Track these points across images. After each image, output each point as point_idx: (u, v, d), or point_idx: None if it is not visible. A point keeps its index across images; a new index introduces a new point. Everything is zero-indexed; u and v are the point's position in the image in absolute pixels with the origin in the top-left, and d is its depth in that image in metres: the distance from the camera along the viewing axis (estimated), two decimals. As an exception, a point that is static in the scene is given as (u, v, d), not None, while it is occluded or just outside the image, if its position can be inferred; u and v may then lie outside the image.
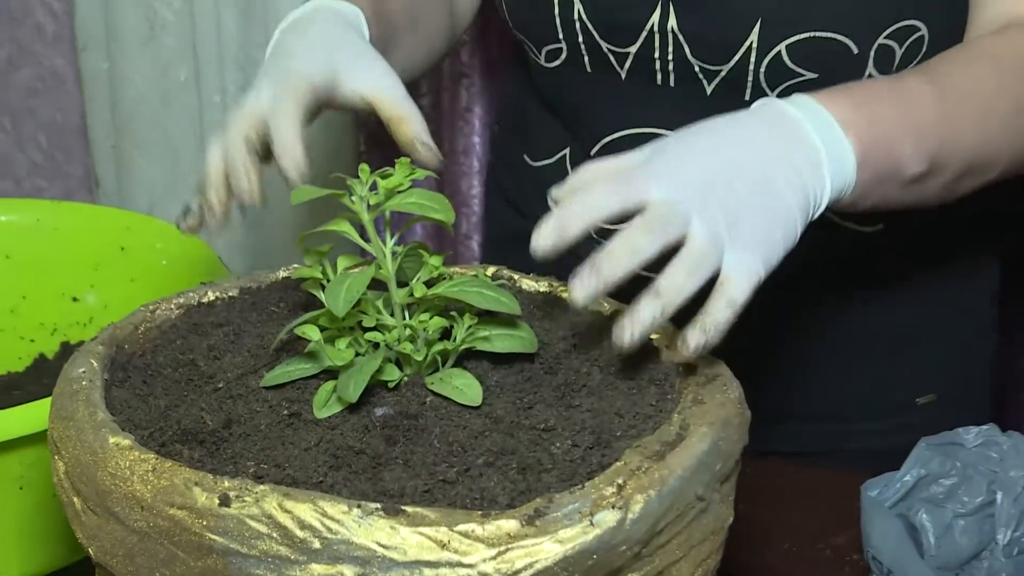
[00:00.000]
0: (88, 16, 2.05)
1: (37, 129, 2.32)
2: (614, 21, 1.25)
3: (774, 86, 1.22)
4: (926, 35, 1.20)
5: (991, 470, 1.04)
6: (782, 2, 1.18)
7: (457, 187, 1.89)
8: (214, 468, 0.77)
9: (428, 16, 1.35)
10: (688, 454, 0.76)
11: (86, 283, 1.37)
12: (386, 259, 0.88)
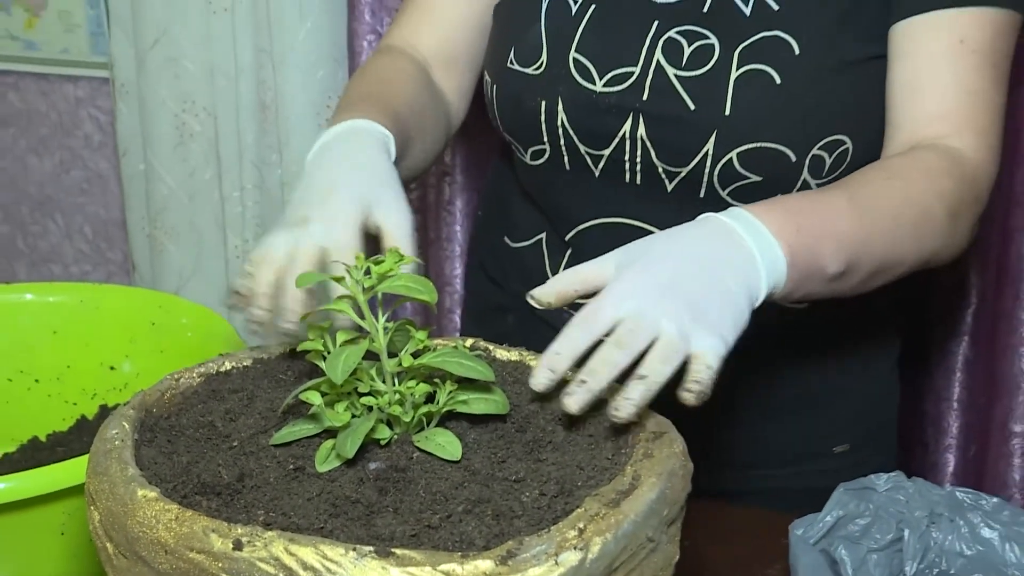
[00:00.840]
0: (128, 127, 2.05)
1: (84, 222, 2.31)
2: (592, 128, 1.26)
3: (725, 186, 1.23)
4: (851, 147, 1.22)
5: (899, 511, 1.05)
6: (734, 118, 1.19)
7: (441, 269, 1.89)
8: (229, 517, 0.76)
9: (430, 124, 1.35)
10: (640, 501, 0.76)
11: (122, 354, 1.35)
12: (378, 334, 0.87)
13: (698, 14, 1.23)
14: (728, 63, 1.21)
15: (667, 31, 1.23)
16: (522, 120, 1.30)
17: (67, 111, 2.26)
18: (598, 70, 1.25)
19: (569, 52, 1.26)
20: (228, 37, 1.92)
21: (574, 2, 1.28)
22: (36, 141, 2.29)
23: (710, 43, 1.22)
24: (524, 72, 1.29)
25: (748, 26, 1.21)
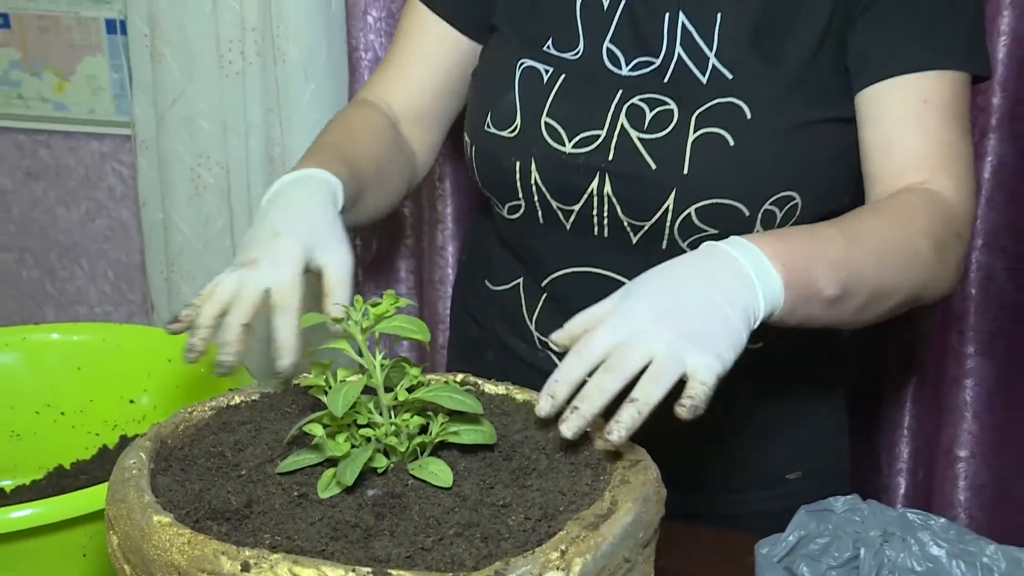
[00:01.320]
0: (148, 180, 2.05)
1: (107, 267, 2.31)
2: (563, 185, 1.26)
3: (684, 238, 1.24)
4: (800, 202, 1.22)
5: (855, 531, 1.05)
6: (692, 177, 1.20)
7: (435, 308, 1.88)
8: (237, 540, 0.76)
9: (389, 174, 1.36)
10: (617, 525, 0.76)
11: (141, 388, 1.35)
12: (376, 370, 0.87)
13: (658, 82, 1.24)
14: (686, 127, 1.21)
15: (631, 98, 1.24)
16: (499, 178, 1.31)
17: (93, 166, 2.26)
18: (568, 133, 1.25)
19: (541, 117, 1.27)
20: (239, 98, 1.92)
21: (545, 72, 1.28)
22: (64, 193, 2.29)
23: (669, 108, 1.23)
24: (500, 135, 1.29)
25: (704, 93, 1.22)
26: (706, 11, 1.24)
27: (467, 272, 1.51)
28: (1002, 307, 1.65)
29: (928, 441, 1.73)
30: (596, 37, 1.28)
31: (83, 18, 2.15)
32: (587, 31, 1.28)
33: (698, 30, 1.24)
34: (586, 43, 1.28)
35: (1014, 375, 1.66)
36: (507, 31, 1.34)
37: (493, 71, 1.34)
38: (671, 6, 1.25)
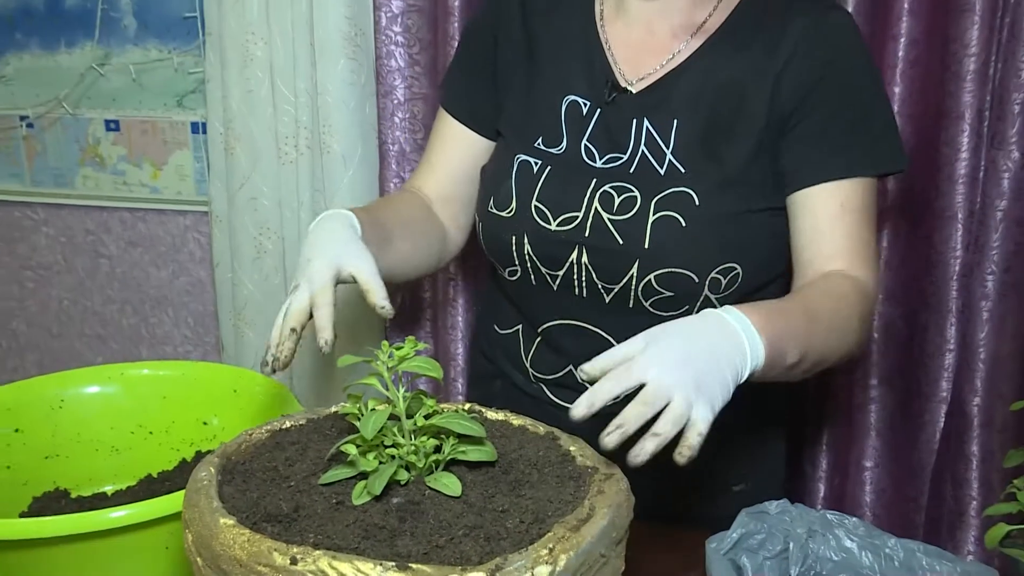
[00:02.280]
0: (220, 246, 2.05)
1: (188, 315, 2.31)
2: (549, 255, 1.27)
3: (647, 299, 1.24)
4: (740, 272, 1.22)
5: (786, 529, 1.05)
6: (651, 250, 1.21)
7: (448, 349, 1.88)
8: (287, 539, 0.76)
9: (419, 230, 1.36)
10: (595, 527, 0.77)
11: (212, 413, 1.34)
12: (399, 401, 0.87)
13: (625, 174, 1.25)
14: (647, 210, 1.22)
15: (603, 186, 1.24)
16: (500, 249, 1.31)
17: (178, 235, 2.27)
18: (552, 214, 1.26)
19: (531, 201, 1.27)
20: (292, 182, 1.92)
21: (535, 164, 1.28)
22: (156, 257, 2.29)
23: (634, 195, 1.23)
24: (500, 215, 1.29)
25: (662, 182, 1.23)
26: (665, 119, 1.25)
27: (482, 319, 1.51)
28: (898, 347, 1.65)
29: (841, 455, 1.72)
30: (576, 136, 1.28)
31: (174, 122, 2.16)
32: (569, 132, 1.29)
33: (658, 133, 1.24)
34: (568, 141, 1.29)
35: (907, 401, 1.66)
36: (508, 133, 1.35)
37: (496, 164, 1.35)
38: (637, 114, 1.26)
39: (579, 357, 1.28)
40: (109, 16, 2.11)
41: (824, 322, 1.13)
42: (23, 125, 2.25)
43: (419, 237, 1.35)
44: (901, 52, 1.52)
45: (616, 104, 1.27)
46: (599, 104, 1.28)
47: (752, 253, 1.23)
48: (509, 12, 1.36)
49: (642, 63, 1.28)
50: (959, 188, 1.54)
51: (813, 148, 1.22)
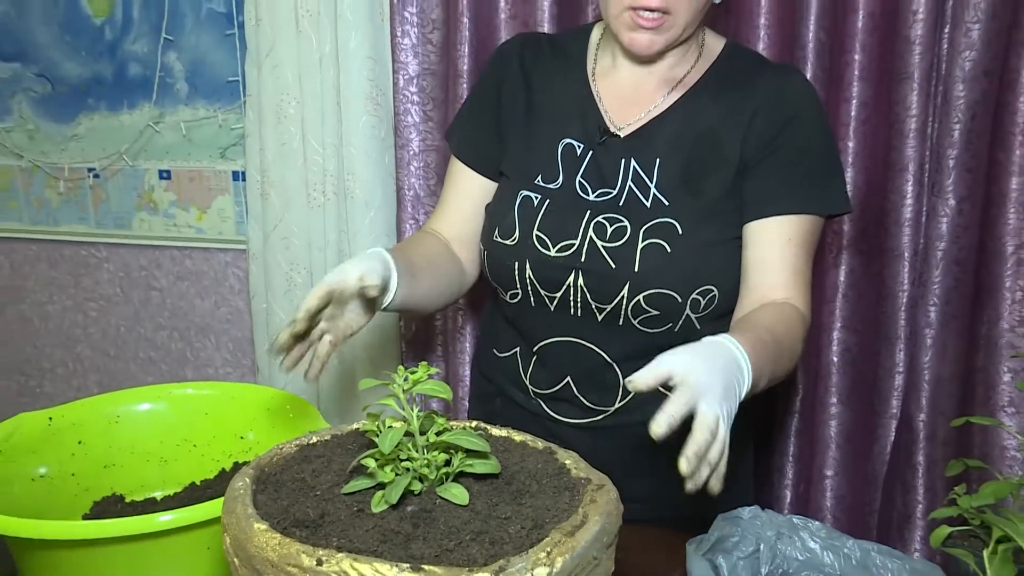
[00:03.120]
0: (256, 280, 2.05)
1: (228, 341, 2.31)
2: (548, 279, 1.27)
3: (635, 317, 1.24)
4: (716, 293, 1.23)
5: (757, 531, 1.05)
6: (640, 274, 1.21)
7: (456, 371, 1.88)
8: (314, 543, 0.75)
9: (441, 265, 1.36)
10: (588, 533, 0.76)
11: (248, 428, 1.33)
12: (413, 420, 0.87)
13: (615, 206, 1.25)
14: (636, 238, 1.22)
15: (596, 217, 1.25)
16: (503, 274, 1.31)
17: (219, 270, 2.26)
18: (552, 242, 1.26)
19: (533, 231, 1.27)
20: (320, 223, 1.93)
21: (535, 198, 1.29)
22: (200, 289, 2.29)
23: (624, 225, 1.23)
24: (504, 243, 1.29)
25: (648, 214, 1.23)
26: (649, 158, 1.26)
27: (482, 345, 1.50)
28: (854, 370, 1.65)
29: (805, 465, 1.71)
30: (571, 173, 1.29)
31: (217, 171, 2.16)
32: (565, 169, 1.29)
33: (643, 171, 1.25)
34: (564, 178, 1.29)
35: (862, 418, 1.66)
36: (510, 172, 1.35)
37: (501, 199, 1.35)
38: (624, 154, 1.27)
39: (574, 372, 1.30)
40: (165, 82, 2.13)
41: (785, 350, 1.14)
42: (91, 176, 2.26)
43: (441, 274, 1.35)
44: (853, 112, 1.53)
45: (606, 146, 1.28)
46: (591, 146, 1.29)
47: (727, 276, 1.24)
48: (511, 70, 1.37)
49: (629, 112, 1.30)
50: (905, 231, 1.55)
51: (771, 186, 1.23)
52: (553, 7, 1.65)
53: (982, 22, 1.43)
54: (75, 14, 2.15)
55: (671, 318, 1.23)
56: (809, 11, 1.51)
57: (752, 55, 1.34)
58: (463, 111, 1.44)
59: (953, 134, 1.48)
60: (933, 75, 1.50)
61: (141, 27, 2.12)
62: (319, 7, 1.82)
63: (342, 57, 1.81)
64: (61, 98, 2.22)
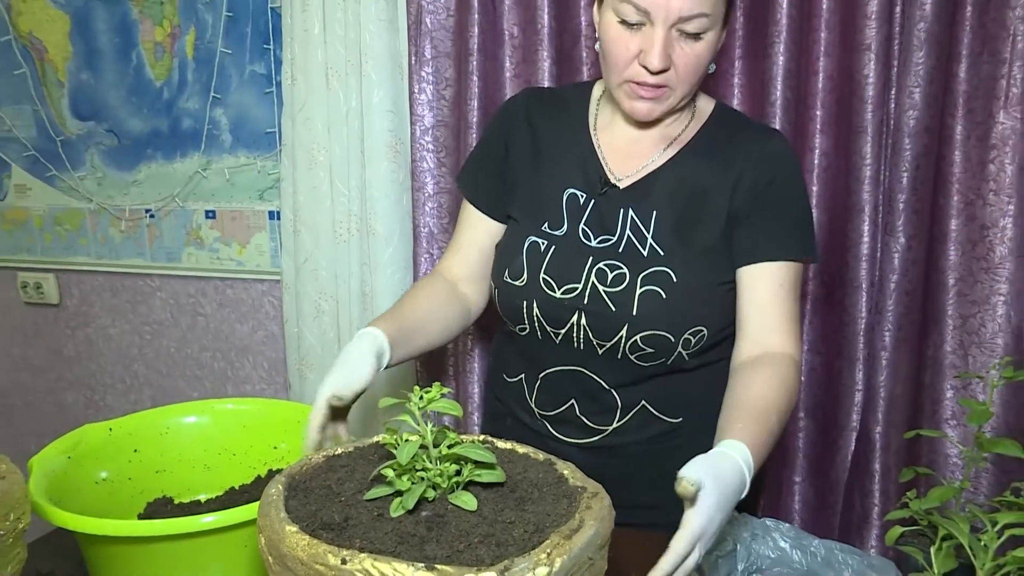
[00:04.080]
0: (288, 307, 2.05)
1: (263, 361, 2.30)
2: (554, 317, 1.25)
3: (632, 353, 1.22)
4: (706, 333, 1.21)
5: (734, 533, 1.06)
6: (638, 317, 1.19)
7: (467, 390, 1.87)
8: (339, 543, 0.75)
9: (440, 316, 1.33)
10: (584, 536, 0.75)
11: (280, 439, 1.33)
12: (427, 434, 0.86)
13: (615, 253, 1.23)
14: (634, 284, 1.20)
15: (598, 263, 1.23)
16: (513, 311, 1.29)
17: (256, 299, 2.26)
18: (557, 284, 1.24)
19: (540, 273, 1.25)
20: (345, 256, 1.93)
21: (542, 244, 1.27)
22: (240, 315, 2.29)
23: (623, 271, 1.21)
24: (514, 284, 1.27)
25: (645, 262, 1.21)
26: (647, 209, 1.23)
27: (493, 369, 1.47)
28: (819, 388, 1.65)
29: (777, 473, 1.71)
30: (575, 221, 1.27)
31: (255, 211, 2.17)
32: (569, 218, 1.27)
33: (641, 221, 1.23)
34: (568, 225, 1.27)
35: (826, 430, 1.65)
36: (519, 217, 1.33)
37: (510, 243, 1.32)
38: (624, 205, 1.25)
39: (577, 396, 1.29)
40: (212, 134, 2.15)
41: (783, 415, 1.11)
42: (147, 216, 2.28)
43: (439, 321, 1.32)
44: (816, 161, 1.54)
45: (607, 196, 1.26)
46: (593, 195, 1.27)
47: (715, 318, 1.22)
48: (517, 122, 1.35)
49: (628, 164, 1.27)
50: (863, 265, 1.55)
51: (761, 235, 1.21)
52: (553, 67, 1.66)
53: (921, 87, 1.44)
54: (140, 78, 2.18)
55: (664, 354, 1.21)
56: (777, 73, 1.53)
57: (739, 116, 1.32)
58: (472, 160, 1.42)
59: (902, 181, 1.48)
60: (884, 130, 1.51)
61: (193, 87, 2.14)
62: (346, 68, 1.84)
63: (366, 111, 1.82)
64: (125, 150, 2.25)
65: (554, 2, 1.64)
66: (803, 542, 1.04)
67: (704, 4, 1.11)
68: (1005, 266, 1.43)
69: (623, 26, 1.15)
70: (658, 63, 1.13)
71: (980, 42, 1.39)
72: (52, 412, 2.56)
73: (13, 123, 2.32)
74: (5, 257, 2.46)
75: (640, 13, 1.12)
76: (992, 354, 1.46)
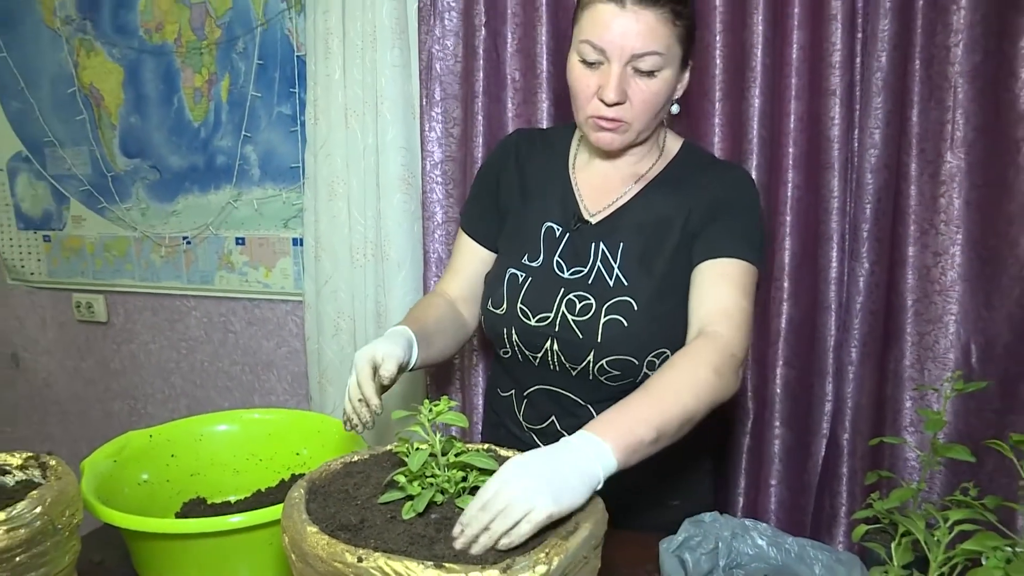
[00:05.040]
0: (310, 325, 2.05)
1: (287, 374, 2.30)
2: (530, 343, 1.24)
3: (600, 375, 1.21)
4: (669, 353, 1.17)
5: (716, 532, 1.04)
6: (603, 343, 1.18)
7: (472, 402, 1.87)
8: (355, 543, 0.75)
9: (448, 327, 1.32)
10: (579, 537, 0.76)
11: (303, 446, 1.33)
12: (436, 443, 0.86)
13: (585, 284, 1.22)
14: (599, 313, 1.19)
15: (568, 294, 1.22)
16: (496, 336, 1.28)
17: (281, 318, 2.27)
18: (532, 313, 1.23)
19: (517, 303, 1.25)
20: (362, 279, 1.93)
21: (520, 275, 1.26)
22: (266, 332, 2.29)
23: (590, 302, 1.20)
24: (496, 311, 1.27)
25: (610, 292, 1.20)
26: (615, 242, 1.22)
27: (490, 385, 1.46)
28: (794, 399, 1.64)
29: (755, 476, 1.70)
30: (550, 253, 1.26)
31: (280, 238, 2.18)
32: (546, 250, 1.26)
33: (610, 253, 1.22)
34: (544, 257, 1.26)
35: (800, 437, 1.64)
36: (503, 249, 1.32)
37: (495, 273, 1.31)
38: (595, 238, 1.24)
39: (556, 412, 1.27)
40: (243, 168, 2.16)
41: (670, 393, 0.99)
42: (184, 243, 2.30)
43: (449, 334, 1.32)
44: (789, 194, 1.54)
45: (580, 231, 1.25)
46: (568, 230, 1.26)
47: (677, 339, 1.16)
48: (507, 160, 1.34)
49: (600, 200, 1.26)
50: (831, 288, 1.56)
51: (711, 240, 1.17)
52: (551, 108, 1.67)
53: (880, 128, 1.46)
54: (181, 120, 2.21)
55: (631, 375, 1.19)
56: (753, 114, 1.54)
57: (704, 154, 1.30)
58: (471, 194, 1.42)
59: (865, 212, 1.49)
60: (849, 166, 1.52)
61: (227, 127, 2.15)
62: (364, 108, 1.85)
63: (381, 147, 1.83)
64: (166, 183, 2.27)
65: (552, 50, 1.66)
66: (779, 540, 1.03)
67: (655, 43, 1.10)
68: (955, 289, 1.44)
69: (584, 65, 1.14)
70: (613, 96, 1.12)
71: (928, 91, 1.41)
72: (101, 419, 2.57)
73: (73, 162, 2.37)
74: (63, 280, 2.50)
75: (597, 51, 1.12)
76: (945, 367, 1.46)
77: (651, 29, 1.09)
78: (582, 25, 1.14)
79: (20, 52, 2.35)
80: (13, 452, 1.01)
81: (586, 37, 1.12)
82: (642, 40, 1.10)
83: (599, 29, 1.10)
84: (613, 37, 1.10)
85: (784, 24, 1.49)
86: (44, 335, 2.59)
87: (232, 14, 2.09)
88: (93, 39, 2.25)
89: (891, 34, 1.42)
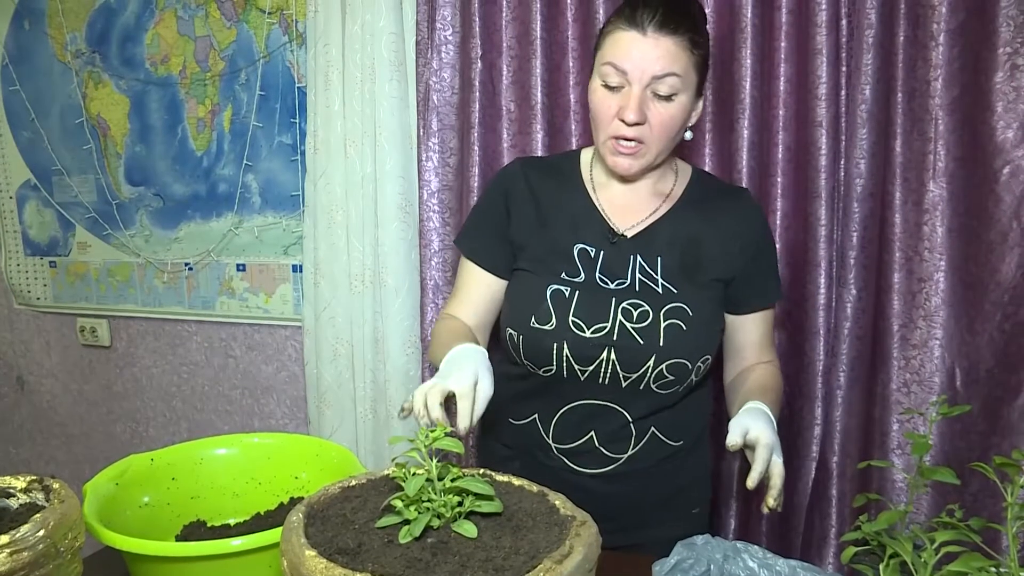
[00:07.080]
0: (309, 350, 2.05)
1: (286, 398, 2.30)
2: (584, 356, 1.22)
3: (655, 383, 1.22)
4: (710, 359, 1.24)
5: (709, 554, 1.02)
6: (664, 348, 1.20)
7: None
8: (353, 567, 0.74)
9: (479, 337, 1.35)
10: (574, 560, 0.75)
11: (301, 470, 1.31)
12: (432, 468, 0.85)
13: (634, 293, 1.23)
14: (658, 319, 1.20)
15: (621, 303, 1.22)
16: (540, 355, 1.25)
17: (280, 343, 2.27)
18: (587, 325, 1.22)
19: (569, 316, 1.23)
20: (359, 305, 1.94)
21: (566, 290, 1.25)
22: (265, 357, 2.29)
23: (645, 309, 1.21)
24: (543, 328, 1.23)
25: (663, 299, 1.22)
26: (652, 255, 1.25)
27: (495, 418, 1.38)
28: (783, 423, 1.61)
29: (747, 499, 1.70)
30: (591, 270, 1.26)
31: (280, 264, 2.19)
32: (584, 267, 1.26)
33: (648, 265, 1.25)
34: (585, 273, 1.26)
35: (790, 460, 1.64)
36: (533, 269, 1.30)
37: (530, 291, 1.28)
38: (631, 253, 1.25)
39: (597, 427, 1.26)
40: (244, 196, 2.18)
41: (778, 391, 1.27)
42: (186, 269, 2.31)
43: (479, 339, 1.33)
44: (778, 221, 1.56)
45: (617, 245, 1.26)
46: (603, 247, 1.26)
47: (715, 347, 1.26)
48: (516, 186, 1.33)
49: (628, 218, 1.28)
50: (820, 313, 1.56)
51: (752, 291, 1.30)
52: (545, 138, 1.69)
53: (865, 158, 1.48)
54: (184, 149, 2.23)
55: (680, 382, 1.22)
56: (743, 145, 1.56)
57: (713, 177, 1.38)
58: (472, 223, 1.39)
59: (852, 239, 1.50)
60: (835, 195, 1.54)
61: (229, 156, 2.17)
62: (362, 139, 1.86)
63: (379, 176, 1.84)
64: (169, 211, 2.28)
65: (546, 82, 1.68)
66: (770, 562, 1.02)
67: (674, 65, 1.15)
68: (939, 314, 1.45)
69: (605, 89, 1.18)
70: (633, 116, 1.16)
71: (911, 123, 1.43)
72: (103, 441, 2.56)
73: (79, 189, 2.39)
74: (68, 304, 2.51)
75: (619, 73, 1.16)
76: (930, 391, 1.47)
77: (670, 53, 1.14)
78: (604, 50, 1.18)
79: (33, 85, 2.39)
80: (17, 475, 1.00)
81: (608, 59, 1.16)
82: (661, 63, 1.14)
83: (620, 52, 1.15)
84: (634, 59, 1.14)
85: (772, 58, 1.52)
86: (48, 358, 2.59)
87: (235, 47, 2.11)
88: (101, 71, 2.28)
89: (874, 68, 1.45)
